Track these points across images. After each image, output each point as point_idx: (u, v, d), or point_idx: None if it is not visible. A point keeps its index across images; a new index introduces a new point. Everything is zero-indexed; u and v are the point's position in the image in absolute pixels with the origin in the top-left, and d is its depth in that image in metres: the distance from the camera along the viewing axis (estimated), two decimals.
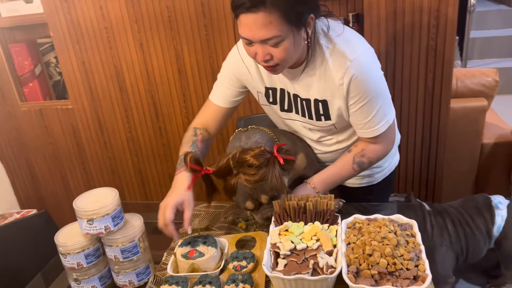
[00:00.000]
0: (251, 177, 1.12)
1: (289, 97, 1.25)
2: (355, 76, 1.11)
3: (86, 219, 1.06)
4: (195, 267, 1.10)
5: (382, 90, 1.18)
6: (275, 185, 1.12)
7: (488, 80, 2.06)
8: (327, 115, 1.22)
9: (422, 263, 0.94)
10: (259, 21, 1.00)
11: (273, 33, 1.01)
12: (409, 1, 1.66)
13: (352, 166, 1.24)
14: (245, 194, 1.15)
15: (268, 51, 1.05)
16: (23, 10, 2.03)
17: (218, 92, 1.32)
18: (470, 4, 3.70)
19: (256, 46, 1.05)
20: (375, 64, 1.16)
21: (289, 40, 1.03)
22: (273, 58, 1.06)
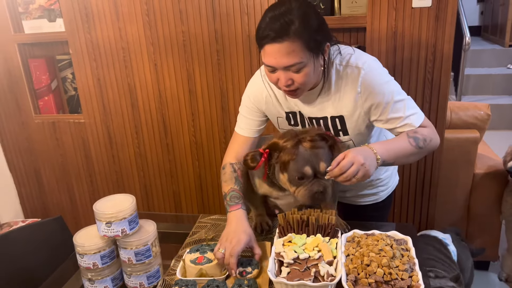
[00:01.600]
0: (313, 143, 1.18)
1: (306, 120, 1.35)
2: (371, 83, 1.22)
3: (105, 221, 1.13)
4: (203, 272, 1.18)
5: (400, 90, 1.26)
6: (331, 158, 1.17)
7: (480, 113, 2.18)
8: (345, 130, 1.31)
9: (415, 274, 1.03)
10: (283, 50, 1.11)
11: (296, 60, 1.12)
12: (408, 37, 1.79)
13: (408, 140, 1.22)
14: (305, 160, 1.17)
15: (290, 77, 1.16)
16: (46, 28, 2.15)
17: (242, 124, 1.41)
18: (465, 43, 3.88)
19: (279, 72, 1.16)
20: (383, 70, 1.27)
21: (310, 66, 1.15)
22: (294, 83, 1.17)
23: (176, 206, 2.34)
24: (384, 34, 1.80)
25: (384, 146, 1.19)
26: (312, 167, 1.18)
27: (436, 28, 1.76)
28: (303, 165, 1.18)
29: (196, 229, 1.49)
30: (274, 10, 1.13)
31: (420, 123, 1.25)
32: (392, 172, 1.53)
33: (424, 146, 1.24)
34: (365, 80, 1.22)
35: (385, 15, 1.78)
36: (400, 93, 1.25)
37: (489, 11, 5.55)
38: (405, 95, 1.27)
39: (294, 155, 1.18)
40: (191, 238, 1.43)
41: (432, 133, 1.26)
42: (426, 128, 1.26)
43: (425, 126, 1.27)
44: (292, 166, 1.19)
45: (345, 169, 1.09)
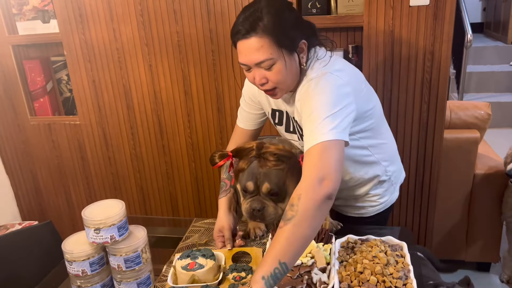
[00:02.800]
0: (269, 162, 1.18)
1: (292, 121, 1.33)
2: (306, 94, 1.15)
3: (93, 228, 1.11)
4: (195, 279, 1.15)
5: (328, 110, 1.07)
6: (283, 182, 1.17)
7: (481, 113, 2.14)
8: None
9: (410, 282, 1.00)
10: (252, 45, 1.11)
11: (265, 56, 1.11)
12: (406, 36, 1.76)
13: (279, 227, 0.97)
14: (251, 175, 1.19)
15: (263, 75, 1.15)
16: (40, 29, 2.13)
17: (242, 117, 1.45)
18: (467, 40, 3.83)
19: (254, 71, 1.16)
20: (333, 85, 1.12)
21: (281, 62, 1.13)
22: (269, 82, 1.16)
23: (173, 208, 2.32)
24: (381, 34, 1.77)
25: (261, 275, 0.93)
26: (255, 184, 1.19)
27: (435, 27, 1.72)
28: (247, 179, 1.20)
29: (190, 234, 1.47)
30: (245, 9, 1.15)
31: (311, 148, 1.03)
32: (387, 191, 1.42)
33: (295, 211, 0.96)
34: (305, 91, 1.16)
35: (382, 14, 1.74)
36: (322, 111, 1.07)
37: (492, 8, 5.49)
38: (326, 118, 1.05)
39: (246, 165, 1.21)
40: (184, 243, 1.41)
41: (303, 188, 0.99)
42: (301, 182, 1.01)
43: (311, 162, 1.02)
44: (241, 177, 1.23)
45: None
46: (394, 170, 1.42)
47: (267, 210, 1.19)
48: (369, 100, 1.26)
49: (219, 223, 1.35)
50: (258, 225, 1.39)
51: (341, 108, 1.08)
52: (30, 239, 1.47)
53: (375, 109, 1.28)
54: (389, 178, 1.40)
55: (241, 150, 1.25)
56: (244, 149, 1.24)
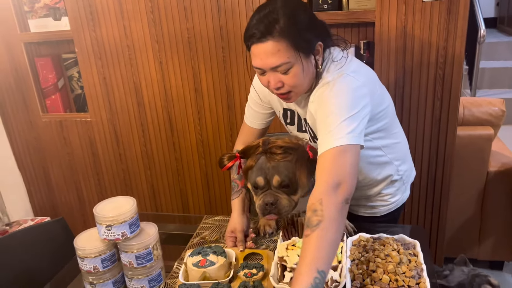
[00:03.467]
0: (276, 155, 1.17)
1: (302, 120, 1.31)
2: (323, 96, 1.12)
3: (105, 225, 1.12)
4: (207, 276, 1.15)
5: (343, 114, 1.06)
6: (293, 173, 1.16)
7: (495, 109, 2.11)
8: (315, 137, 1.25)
9: (423, 281, 0.99)
10: (268, 49, 1.07)
11: (282, 60, 1.07)
12: (419, 32, 1.73)
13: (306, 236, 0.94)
14: (260, 171, 1.18)
15: (279, 79, 1.11)
16: (51, 26, 2.14)
17: (250, 115, 1.42)
18: (480, 35, 3.77)
19: (268, 74, 1.12)
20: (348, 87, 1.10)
21: (298, 66, 1.10)
22: (284, 85, 1.12)
23: (183, 205, 2.33)
24: (393, 29, 1.75)
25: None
26: (265, 178, 1.18)
27: (448, 22, 1.69)
28: (257, 175, 1.18)
29: (200, 231, 1.47)
30: (260, 10, 1.10)
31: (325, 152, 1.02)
32: (398, 190, 1.41)
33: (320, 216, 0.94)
34: (320, 93, 1.13)
35: (395, 9, 1.72)
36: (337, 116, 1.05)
37: (505, 2, 5.38)
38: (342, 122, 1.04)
39: (254, 161, 1.20)
40: (195, 240, 1.41)
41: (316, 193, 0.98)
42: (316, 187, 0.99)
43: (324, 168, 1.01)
44: (250, 174, 1.21)
45: None
46: (405, 169, 1.40)
47: (281, 203, 1.16)
48: (383, 100, 1.24)
49: (232, 224, 1.34)
50: (269, 223, 1.38)
51: (358, 111, 1.07)
52: (42, 235, 1.48)
53: (388, 109, 1.26)
54: (400, 178, 1.39)
55: (247, 149, 1.24)
56: (251, 147, 1.23)
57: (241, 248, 1.29)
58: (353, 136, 1.03)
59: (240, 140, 1.45)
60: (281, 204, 1.16)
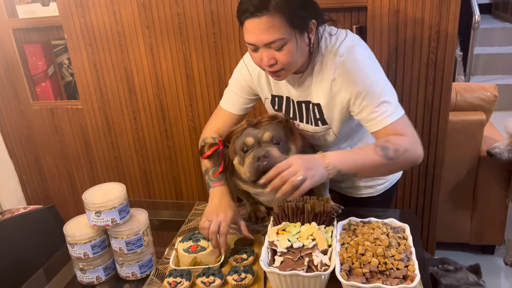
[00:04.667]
0: (262, 123, 1.16)
1: (294, 105, 1.30)
2: (346, 70, 1.14)
3: (94, 211, 1.11)
4: (197, 261, 1.16)
5: (381, 80, 1.15)
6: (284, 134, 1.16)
7: (487, 95, 2.11)
8: (323, 119, 1.25)
9: (412, 263, 0.99)
10: (262, 24, 1.05)
11: (277, 36, 1.06)
12: (411, 16, 1.72)
13: (375, 149, 1.09)
14: (248, 134, 1.16)
15: (272, 55, 1.10)
16: (40, 12, 2.11)
17: (229, 99, 1.36)
18: (474, 21, 3.76)
19: (261, 51, 1.10)
20: (366, 58, 1.16)
21: (292, 43, 1.09)
22: (278, 63, 1.11)
23: (176, 191, 2.33)
24: (386, 13, 1.73)
25: (342, 156, 1.09)
26: (254, 138, 1.14)
27: (440, 6, 1.68)
28: (246, 136, 1.16)
29: (192, 217, 1.47)
30: None
31: (393, 123, 1.12)
32: None
33: (396, 157, 1.09)
34: (339, 67, 1.14)
35: None
36: (379, 85, 1.13)
37: None
38: (386, 89, 1.14)
39: (239, 134, 1.17)
40: (187, 226, 1.41)
41: (408, 143, 1.11)
42: (402, 136, 1.12)
43: (401, 132, 1.12)
44: (237, 142, 1.17)
45: (280, 169, 1.02)
46: None
47: (273, 155, 1.10)
48: None
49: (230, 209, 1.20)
50: (259, 207, 1.38)
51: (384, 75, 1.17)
52: (33, 222, 1.48)
53: None
54: None
55: (230, 134, 1.21)
56: (234, 132, 1.20)
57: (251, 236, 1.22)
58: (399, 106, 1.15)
59: (211, 123, 1.38)
60: (274, 156, 1.10)
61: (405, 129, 1.14)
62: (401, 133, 1.12)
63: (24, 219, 1.47)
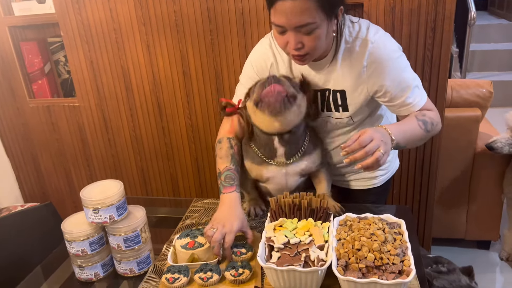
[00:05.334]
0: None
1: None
2: (378, 57, 1.17)
3: (92, 208, 1.12)
4: (195, 257, 1.16)
5: (408, 68, 1.23)
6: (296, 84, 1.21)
7: (482, 91, 2.12)
8: (345, 106, 1.26)
9: (407, 258, 1.00)
10: (296, 7, 1.04)
11: (309, 19, 1.05)
12: (407, 13, 1.72)
13: (418, 123, 1.20)
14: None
15: (300, 39, 1.09)
16: (36, 9, 2.10)
17: (241, 95, 1.36)
18: (470, 18, 3.77)
19: (289, 34, 1.09)
20: (395, 45, 1.23)
21: (322, 28, 1.09)
22: (304, 47, 1.11)
23: (173, 189, 2.33)
24: (381, 10, 1.74)
25: (398, 128, 1.16)
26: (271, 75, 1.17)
27: (436, 3, 1.69)
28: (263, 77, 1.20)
29: (189, 214, 1.48)
30: None
31: (423, 105, 1.24)
32: (393, 156, 1.49)
33: (431, 130, 1.23)
34: (372, 54, 1.17)
35: None
36: (408, 72, 1.22)
37: None
38: (413, 74, 1.24)
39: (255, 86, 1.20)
40: (184, 223, 1.42)
41: (437, 117, 1.26)
42: (431, 111, 1.25)
43: (429, 109, 1.25)
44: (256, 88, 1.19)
45: (364, 143, 1.04)
46: None
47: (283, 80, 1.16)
48: None
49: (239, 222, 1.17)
50: (259, 204, 1.39)
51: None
52: (31, 220, 1.48)
53: None
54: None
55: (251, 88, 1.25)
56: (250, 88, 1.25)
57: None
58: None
59: (225, 122, 1.37)
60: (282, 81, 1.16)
61: (431, 105, 1.27)
62: (429, 109, 1.25)
63: (22, 217, 1.47)
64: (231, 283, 1.09)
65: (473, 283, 1.67)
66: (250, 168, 1.33)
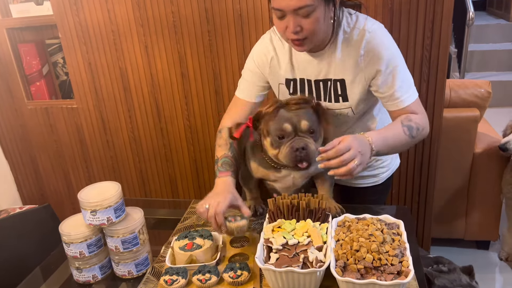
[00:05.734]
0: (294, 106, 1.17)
1: (310, 85, 1.31)
2: (375, 46, 1.19)
3: (90, 210, 1.11)
4: (193, 259, 1.16)
5: (403, 62, 1.23)
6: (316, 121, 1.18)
7: (481, 91, 2.12)
8: (345, 95, 1.27)
9: (406, 259, 1.00)
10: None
11: (307, 1, 1.08)
12: (405, 13, 1.73)
13: (403, 129, 1.19)
14: (284, 119, 1.16)
15: (299, 22, 1.11)
16: (33, 11, 2.10)
17: (244, 88, 1.39)
18: (469, 18, 3.78)
19: (288, 18, 1.12)
20: (390, 38, 1.24)
21: (320, 11, 1.11)
22: (303, 30, 1.13)
23: (172, 191, 2.33)
24: (380, 11, 1.74)
25: (381, 136, 1.16)
26: (292, 125, 1.16)
27: (434, 4, 1.69)
28: (283, 122, 1.16)
29: (188, 215, 1.47)
30: None
31: (410, 104, 1.22)
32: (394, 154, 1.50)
33: (417, 135, 1.22)
34: (369, 43, 1.19)
35: None
36: (402, 66, 1.22)
37: None
38: (405, 70, 1.24)
39: (274, 116, 1.18)
40: (182, 224, 1.41)
41: (424, 121, 1.24)
42: (418, 115, 1.23)
43: (416, 112, 1.23)
44: (272, 126, 1.18)
45: (341, 152, 1.05)
46: None
47: (310, 148, 1.14)
48: None
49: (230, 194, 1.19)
50: (259, 203, 1.39)
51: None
52: (29, 222, 1.48)
53: None
54: None
55: (260, 113, 1.22)
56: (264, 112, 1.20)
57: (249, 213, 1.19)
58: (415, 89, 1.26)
59: (228, 114, 1.40)
60: (311, 149, 1.14)
61: (420, 109, 1.25)
62: (416, 112, 1.23)
63: (20, 219, 1.46)
64: (229, 284, 1.09)
65: (473, 282, 1.68)
66: (257, 170, 1.32)
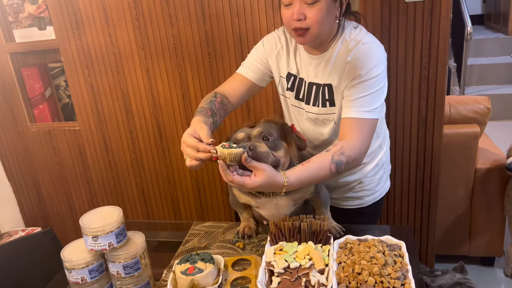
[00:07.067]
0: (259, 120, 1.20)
1: (305, 86, 1.33)
2: (363, 55, 1.20)
3: (91, 235, 1.11)
4: (195, 283, 1.15)
5: (383, 85, 1.22)
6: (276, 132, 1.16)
7: (480, 107, 2.13)
8: (332, 100, 1.29)
9: (408, 281, 0.99)
10: None
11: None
12: (402, 33, 1.75)
13: (330, 166, 1.13)
14: (241, 130, 1.18)
15: (303, 10, 1.14)
16: (36, 36, 2.14)
17: (246, 65, 1.39)
18: (467, 33, 3.81)
19: (294, 5, 1.15)
20: (383, 59, 1.23)
21: (325, 3, 1.14)
22: (306, 19, 1.15)
23: (174, 211, 2.33)
24: (378, 31, 1.76)
25: (299, 176, 1.11)
26: (245, 133, 1.16)
27: (431, 23, 1.71)
28: (238, 133, 1.18)
29: (189, 237, 1.47)
30: None
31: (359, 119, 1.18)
32: (381, 178, 1.47)
33: (343, 170, 1.16)
34: (358, 52, 1.21)
35: (378, 11, 1.73)
36: (379, 86, 1.20)
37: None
38: (380, 93, 1.22)
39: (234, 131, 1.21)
40: (184, 247, 1.41)
41: (357, 151, 1.17)
42: (355, 139, 1.17)
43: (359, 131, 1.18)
44: (230, 139, 1.18)
45: (246, 186, 1.05)
46: (386, 158, 1.49)
47: (259, 149, 1.09)
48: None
49: (192, 125, 1.20)
50: (249, 224, 1.38)
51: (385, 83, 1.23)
52: (31, 247, 1.48)
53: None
54: (382, 165, 1.45)
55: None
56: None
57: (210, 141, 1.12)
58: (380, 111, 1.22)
59: (226, 83, 1.40)
60: (259, 150, 1.09)
61: (364, 132, 1.19)
62: (359, 134, 1.18)
63: (22, 244, 1.46)
64: None
65: (467, 277, 1.75)
66: (239, 195, 1.30)
